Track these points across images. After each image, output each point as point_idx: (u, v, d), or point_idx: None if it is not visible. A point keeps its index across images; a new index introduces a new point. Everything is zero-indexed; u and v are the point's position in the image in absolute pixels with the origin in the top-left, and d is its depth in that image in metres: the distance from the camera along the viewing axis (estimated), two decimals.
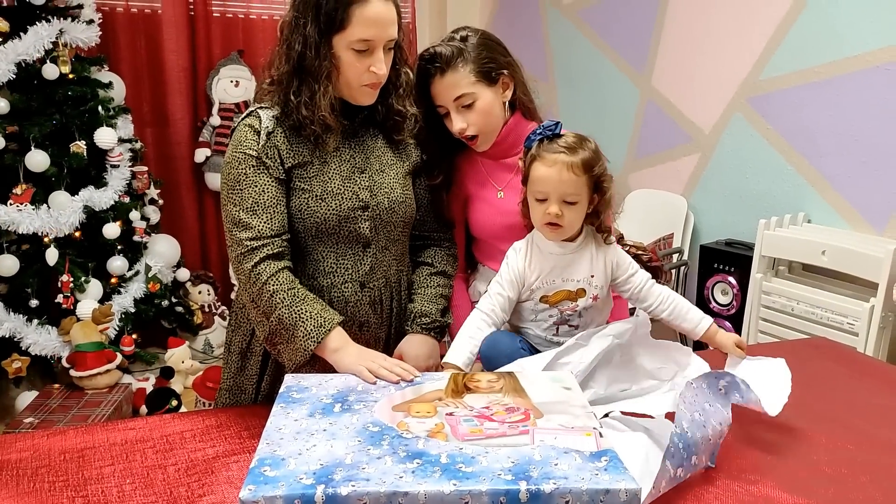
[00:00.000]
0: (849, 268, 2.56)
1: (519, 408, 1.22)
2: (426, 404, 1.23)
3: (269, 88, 1.56)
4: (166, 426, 1.42)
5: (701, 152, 3.31)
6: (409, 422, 1.17)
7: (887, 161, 2.58)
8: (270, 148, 1.51)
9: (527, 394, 1.27)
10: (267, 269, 1.47)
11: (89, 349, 2.94)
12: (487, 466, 1.04)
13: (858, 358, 1.96)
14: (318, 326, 1.44)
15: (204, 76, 3.90)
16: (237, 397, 1.65)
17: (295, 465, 1.04)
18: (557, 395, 1.28)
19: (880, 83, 2.58)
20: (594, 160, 1.51)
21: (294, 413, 1.20)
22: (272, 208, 1.50)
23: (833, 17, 2.71)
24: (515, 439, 1.11)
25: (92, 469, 1.27)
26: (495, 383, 1.32)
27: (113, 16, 3.64)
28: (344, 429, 1.15)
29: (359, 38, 1.46)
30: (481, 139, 1.74)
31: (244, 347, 1.64)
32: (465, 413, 1.20)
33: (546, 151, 1.51)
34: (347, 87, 1.53)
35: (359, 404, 1.24)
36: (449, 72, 1.68)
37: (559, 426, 1.15)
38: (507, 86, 1.75)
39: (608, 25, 3.74)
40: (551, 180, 1.49)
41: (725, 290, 3.02)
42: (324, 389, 1.30)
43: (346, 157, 1.58)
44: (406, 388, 1.31)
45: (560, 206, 1.49)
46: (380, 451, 1.08)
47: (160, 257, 3.46)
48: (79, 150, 3.05)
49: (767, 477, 1.26)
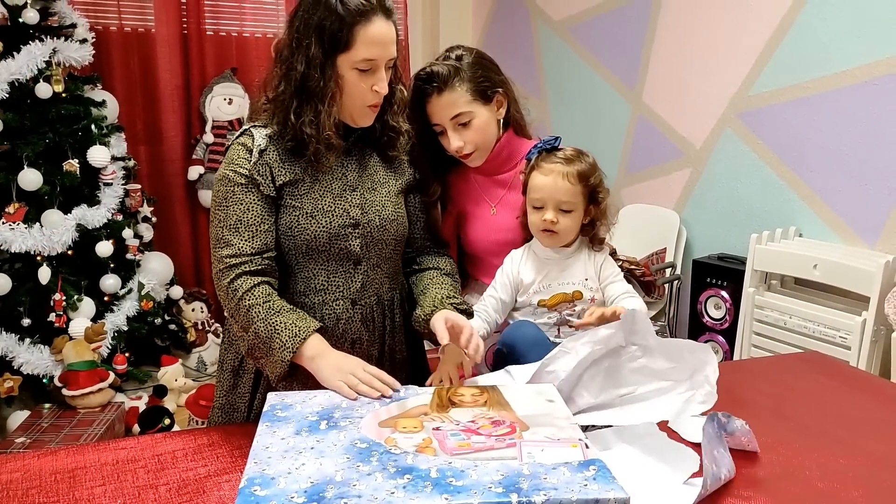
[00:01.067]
0: (841, 282, 2.57)
1: (504, 421, 1.23)
2: (412, 419, 1.24)
3: (265, 107, 1.57)
4: (158, 445, 1.41)
5: (692, 167, 3.33)
6: (396, 437, 1.17)
7: (877, 175, 2.60)
8: (262, 166, 1.52)
9: (511, 407, 1.29)
10: (244, 285, 1.47)
11: (82, 368, 2.93)
12: (478, 480, 1.04)
13: (850, 372, 1.96)
14: (294, 336, 1.43)
15: (197, 94, 3.91)
16: (230, 415, 1.65)
17: (285, 483, 1.04)
18: (541, 407, 1.29)
19: (869, 98, 2.60)
20: (590, 172, 1.60)
21: (280, 431, 1.20)
22: (255, 227, 1.51)
23: (821, 34, 2.74)
24: (503, 452, 1.12)
25: (83, 489, 1.26)
26: (479, 397, 1.33)
27: (106, 35, 3.67)
28: (332, 446, 1.15)
29: (363, 58, 1.48)
30: (476, 155, 1.77)
31: (236, 365, 1.64)
32: (452, 427, 1.20)
33: (544, 162, 1.60)
34: (350, 108, 1.54)
35: (344, 421, 1.24)
36: (446, 91, 1.70)
37: (545, 438, 1.16)
38: (500, 104, 1.78)
39: (599, 42, 3.77)
40: (547, 188, 1.58)
41: (718, 304, 3.02)
42: (308, 406, 1.30)
43: (337, 175, 1.59)
44: (391, 403, 1.31)
45: (556, 214, 1.57)
46: (369, 468, 1.08)
47: (153, 275, 3.45)
48: (72, 168, 3.05)
49: (760, 492, 1.26)
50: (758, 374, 1.84)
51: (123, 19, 3.73)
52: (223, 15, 3.95)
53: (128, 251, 3.31)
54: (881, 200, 2.60)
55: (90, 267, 3.18)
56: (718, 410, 1.58)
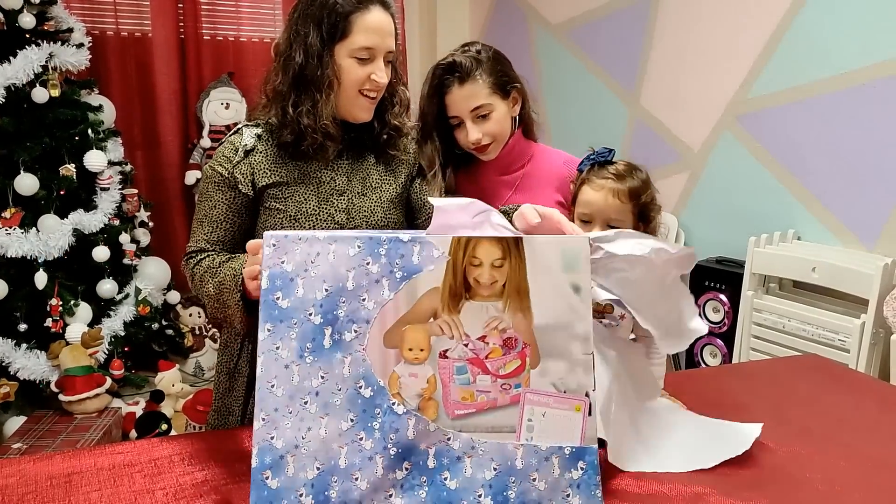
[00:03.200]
0: (839, 284, 2.57)
1: (516, 341, 1.14)
2: (420, 332, 1.13)
3: (263, 104, 1.58)
4: (154, 450, 1.40)
5: (690, 170, 3.33)
6: (401, 375, 1.12)
7: (876, 177, 2.60)
8: (245, 165, 1.54)
9: (530, 305, 1.14)
10: (198, 261, 1.53)
11: (78, 373, 2.92)
12: (471, 478, 1.07)
13: (850, 375, 1.96)
14: (235, 276, 1.37)
15: (194, 99, 3.91)
16: (225, 419, 1.64)
17: (293, 469, 1.06)
18: (561, 307, 1.15)
19: (867, 100, 2.60)
20: (642, 189, 1.54)
21: (282, 348, 1.10)
22: (216, 223, 1.55)
23: (820, 36, 2.74)
24: (504, 416, 1.12)
25: (79, 494, 1.25)
26: (498, 271, 1.14)
27: (103, 39, 3.66)
28: (336, 391, 1.10)
29: (361, 46, 1.50)
30: (492, 147, 1.77)
31: (231, 368, 1.63)
32: (459, 353, 1.13)
33: (595, 176, 1.54)
34: (347, 99, 1.54)
35: (349, 327, 1.11)
36: (468, 82, 1.71)
37: (552, 389, 1.13)
38: (516, 100, 1.80)
39: (597, 45, 3.77)
40: (597, 204, 1.52)
41: (717, 307, 3.02)
42: (311, 287, 1.11)
43: (325, 179, 1.59)
44: (400, 287, 1.12)
45: (603, 230, 1.49)
46: (371, 443, 1.08)
47: (150, 280, 3.44)
48: (68, 173, 3.05)
49: (761, 494, 1.25)
50: (757, 377, 1.83)
51: (120, 24, 3.73)
52: (220, 19, 3.95)
53: (124, 256, 3.30)
54: (880, 203, 2.60)
55: (87, 272, 3.17)
56: (719, 413, 1.58)
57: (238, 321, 1.41)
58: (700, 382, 1.84)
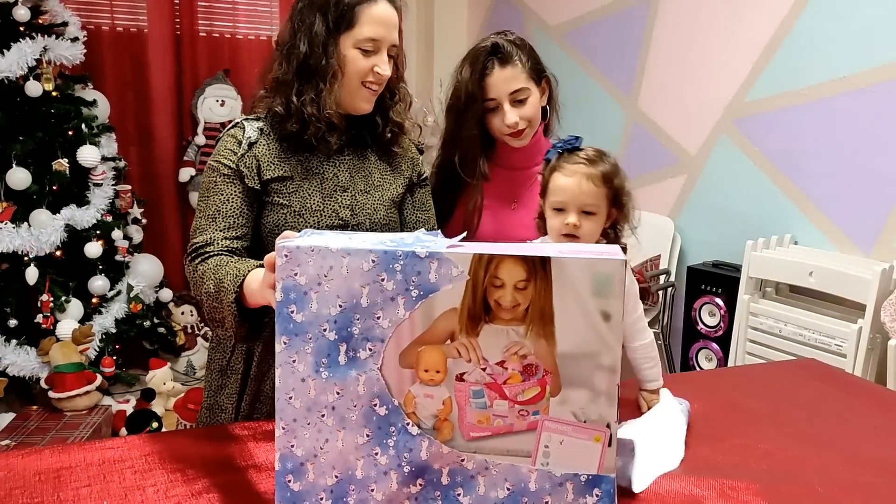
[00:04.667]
0: (836, 289, 2.56)
1: (537, 367, 1.09)
2: (436, 354, 1.09)
3: (265, 95, 1.57)
4: (145, 446, 1.38)
5: (687, 174, 3.32)
6: (416, 395, 1.09)
7: (873, 182, 2.60)
8: (250, 158, 1.52)
9: (554, 332, 1.08)
10: (204, 260, 1.45)
11: (69, 370, 2.90)
12: (484, 496, 1.07)
13: (848, 379, 1.95)
14: (235, 277, 1.33)
15: (189, 95, 3.89)
16: (217, 416, 1.62)
17: (313, 476, 1.08)
18: (588, 336, 1.07)
19: (865, 105, 2.60)
20: (614, 173, 1.52)
21: (299, 361, 1.08)
22: (232, 218, 1.50)
23: (818, 40, 2.74)
24: (520, 441, 1.08)
25: (68, 490, 1.23)
26: (521, 294, 1.06)
27: (98, 34, 3.64)
28: (352, 407, 1.09)
29: (366, 37, 1.50)
30: (527, 132, 1.77)
31: (224, 365, 1.61)
32: (477, 377, 1.09)
33: (566, 162, 1.52)
34: (349, 89, 1.53)
35: (364, 345, 1.08)
36: (509, 64, 1.73)
37: (571, 418, 1.09)
38: (544, 90, 1.80)
39: (594, 48, 3.77)
40: (570, 190, 1.49)
41: (713, 311, 3.01)
42: (325, 302, 1.07)
43: (328, 175, 1.57)
44: (416, 306, 1.07)
45: (578, 217, 1.49)
46: (387, 459, 1.08)
47: (143, 277, 3.42)
48: (61, 168, 3.03)
49: (760, 497, 1.24)
50: (755, 381, 1.82)
51: (116, 19, 3.71)
52: (216, 16, 3.93)
53: (117, 253, 3.28)
54: (877, 208, 2.59)
55: (78, 268, 3.15)
56: (717, 415, 1.57)
57: (229, 325, 1.36)
58: (696, 385, 1.82)
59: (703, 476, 1.31)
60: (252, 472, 1.29)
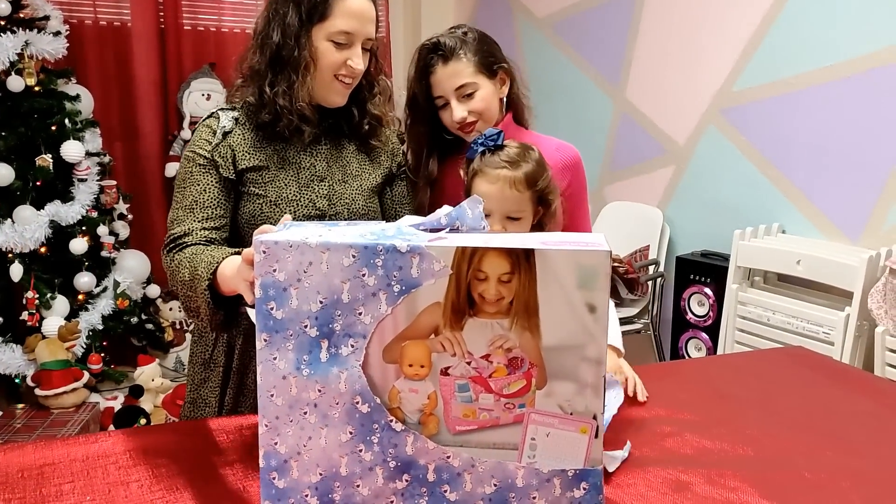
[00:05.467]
0: (824, 277, 2.57)
1: (522, 360, 1.08)
2: (420, 349, 1.08)
3: (241, 84, 1.55)
4: (129, 441, 1.37)
5: (676, 164, 3.32)
6: (401, 390, 1.08)
7: (860, 170, 2.60)
8: (224, 148, 1.51)
9: (539, 324, 1.07)
10: (181, 250, 1.43)
11: (55, 367, 2.88)
12: (471, 492, 1.07)
13: (835, 366, 1.96)
14: (209, 264, 1.31)
15: (175, 89, 3.86)
16: (201, 410, 1.61)
17: (298, 473, 1.07)
18: (573, 328, 1.06)
19: (852, 93, 2.60)
20: (538, 173, 1.47)
21: (279, 358, 1.07)
22: (210, 208, 1.48)
23: (804, 29, 2.74)
24: (507, 434, 1.08)
25: (51, 486, 1.21)
26: (505, 287, 1.05)
27: (81, 28, 3.60)
28: (334, 405, 1.08)
29: (339, 30, 1.48)
30: (479, 126, 1.72)
31: (206, 358, 1.60)
32: (462, 371, 1.08)
33: (487, 166, 1.47)
34: (322, 82, 1.51)
35: (346, 341, 1.07)
36: (452, 61, 1.68)
37: (558, 410, 1.08)
38: (504, 81, 1.77)
39: (582, 38, 3.76)
40: (494, 197, 1.43)
41: (702, 301, 3.01)
42: (305, 299, 1.06)
43: (305, 165, 1.56)
44: (399, 300, 1.06)
45: (503, 223, 1.45)
46: (371, 455, 1.07)
47: (129, 273, 3.39)
48: (45, 163, 3.00)
49: (747, 483, 1.24)
50: (743, 369, 1.82)
51: (98, 12, 3.67)
52: (201, 9, 3.90)
53: (103, 248, 3.26)
54: (864, 196, 2.60)
55: (64, 264, 3.13)
56: (705, 403, 1.57)
57: (204, 313, 1.35)
58: (684, 373, 1.83)
59: (691, 463, 1.31)
60: (237, 467, 1.28)
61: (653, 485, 1.24)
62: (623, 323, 3.23)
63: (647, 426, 1.46)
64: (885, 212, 2.55)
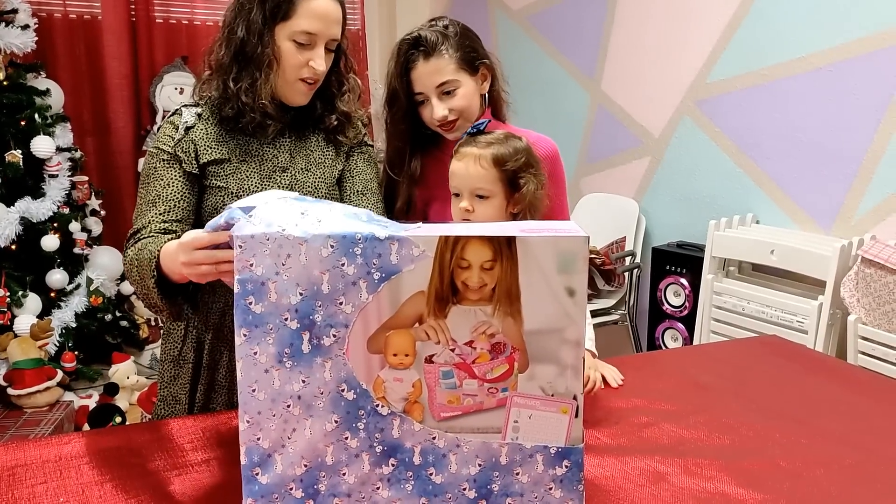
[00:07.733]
0: (797, 267, 2.59)
1: (505, 345, 1.10)
2: (404, 338, 1.09)
3: (208, 77, 1.54)
4: (103, 441, 1.35)
5: (651, 156, 3.34)
6: (386, 379, 1.09)
7: (832, 161, 2.63)
8: (187, 143, 1.50)
9: (521, 310, 1.08)
10: (135, 245, 1.41)
11: (28, 366, 2.84)
12: (456, 473, 1.08)
13: (809, 354, 1.98)
14: (151, 259, 1.31)
15: (147, 83, 3.81)
16: (172, 408, 1.60)
17: (281, 466, 1.06)
18: (553, 312, 1.08)
19: (823, 85, 2.63)
20: (509, 156, 1.47)
21: (260, 353, 1.06)
22: (172, 202, 1.48)
23: (776, 21, 2.76)
24: (490, 418, 1.09)
25: (23, 488, 1.20)
26: (488, 274, 1.07)
27: (50, 21, 3.54)
28: (318, 395, 1.07)
29: (302, 30, 1.46)
30: (459, 124, 1.70)
31: (176, 354, 1.60)
32: (446, 358, 1.09)
33: (462, 146, 1.50)
34: (283, 81, 1.50)
35: (328, 331, 1.07)
36: (433, 57, 1.65)
37: (540, 393, 1.10)
38: (485, 77, 1.74)
39: (557, 30, 3.76)
40: (460, 174, 1.48)
41: (678, 291, 3.03)
42: (285, 291, 1.05)
43: (268, 157, 1.55)
44: (381, 287, 1.06)
45: (471, 201, 1.46)
46: (357, 441, 1.07)
47: (103, 270, 3.35)
48: (14, 159, 2.95)
49: (723, 472, 1.25)
50: (718, 358, 1.84)
51: (68, 5, 3.61)
52: (173, 1, 3.85)
53: (75, 245, 3.21)
54: (836, 186, 2.63)
55: (35, 262, 3.08)
56: (682, 392, 1.58)
57: (162, 307, 1.35)
58: (661, 364, 1.84)
59: (668, 453, 1.32)
60: (212, 464, 1.27)
61: (630, 476, 1.24)
62: (600, 314, 3.25)
63: (624, 416, 1.47)
64: (856, 202, 2.58)
